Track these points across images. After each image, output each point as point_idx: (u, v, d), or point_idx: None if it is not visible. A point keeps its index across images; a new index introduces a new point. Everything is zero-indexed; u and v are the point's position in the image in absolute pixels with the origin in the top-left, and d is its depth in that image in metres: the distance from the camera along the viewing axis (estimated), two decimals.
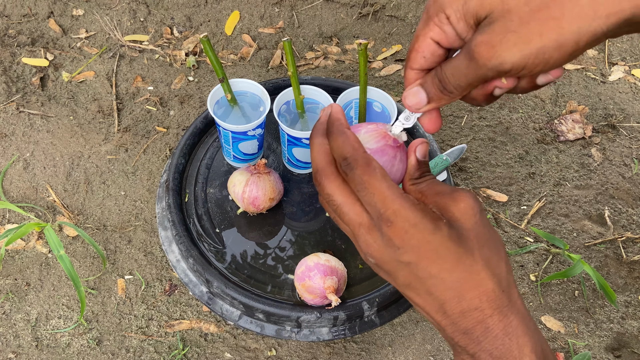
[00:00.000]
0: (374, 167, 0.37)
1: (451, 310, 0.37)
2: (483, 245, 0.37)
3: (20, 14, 1.36)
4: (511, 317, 0.36)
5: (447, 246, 0.36)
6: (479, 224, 0.37)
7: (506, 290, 0.37)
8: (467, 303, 0.36)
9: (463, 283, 0.36)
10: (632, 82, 1.35)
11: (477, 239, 0.37)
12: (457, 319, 0.37)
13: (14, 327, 0.96)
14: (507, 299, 0.37)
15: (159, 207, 0.86)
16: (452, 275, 0.36)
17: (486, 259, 0.37)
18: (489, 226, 0.38)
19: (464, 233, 0.36)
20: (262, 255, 0.80)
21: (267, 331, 0.76)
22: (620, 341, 0.98)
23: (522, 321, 0.36)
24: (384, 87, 1.31)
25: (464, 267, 0.36)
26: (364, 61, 0.72)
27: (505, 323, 0.36)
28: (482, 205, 0.40)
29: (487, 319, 0.36)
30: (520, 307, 0.37)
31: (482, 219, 0.37)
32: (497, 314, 0.36)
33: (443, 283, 0.37)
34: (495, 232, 0.38)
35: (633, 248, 1.08)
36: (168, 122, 1.22)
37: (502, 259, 0.37)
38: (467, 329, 0.37)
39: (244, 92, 0.81)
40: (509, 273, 0.38)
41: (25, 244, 1.04)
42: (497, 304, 0.36)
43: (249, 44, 1.37)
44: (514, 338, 0.36)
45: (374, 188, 0.37)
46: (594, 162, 1.20)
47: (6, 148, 1.15)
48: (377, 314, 0.77)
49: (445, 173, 0.85)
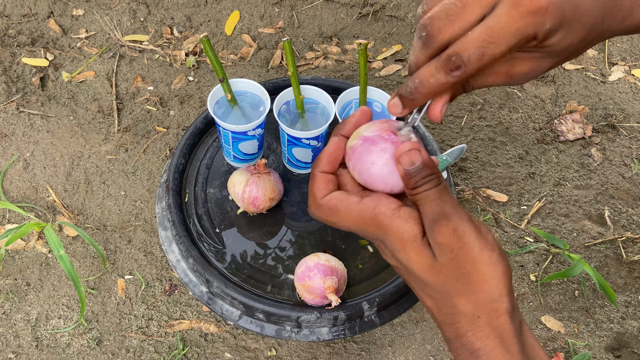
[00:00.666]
0: (335, 206, 0.40)
1: (435, 316, 0.41)
2: (458, 279, 0.38)
3: (20, 14, 1.36)
4: (487, 341, 0.38)
5: (413, 269, 0.38)
6: (456, 260, 0.37)
7: (484, 317, 0.38)
8: (444, 317, 0.39)
9: (436, 300, 0.39)
10: (632, 82, 1.35)
11: (451, 272, 0.37)
12: (441, 326, 0.40)
13: (14, 327, 0.96)
14: (485, 324, 0.38)
15: (159, 207, 0.86)
16: (425, 291, 0.39)
17: (460, 290, 0.38)
18: (471, 262, 0.37)
19: (436, 265, 0.38)
20: (262, 255, 0.80)
21: (267, 331, 0.76)
22: (620, 341, 0.98)
23: (501, 345, 0.37)
24: (384, 87, 1.31)
25: (435, 290, 0.39)
26: (364, 61, 0.72)
27: (480, 345, 0.38)
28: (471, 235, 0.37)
29: (461, 336, 0.38)
30: (504, 332, 0.38)
31: (462, 255, 0.37)
32: (470, 335, 0.38)
33: (421, 292, 0.40)
34: (480, 267, 0.37)
35: (633, 248, 1.08)
36: (168, 122, 1.22)
37: (484, 290, 0.37)
38: (448, 338, 0.40)
39: (244, 92, 0.81)
40: (494, 302, 0.37)
41: (25, 244, 1.04)
42: (470, 327, 0.38)
43: (249, 44, 1.37)
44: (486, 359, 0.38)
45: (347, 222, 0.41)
46: (594, 162, 1.20)
47: (6, 148, 1.15)
48: (377, 314, 0.77)
49: (445, 173, 0.85)
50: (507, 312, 0.38)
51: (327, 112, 0.80)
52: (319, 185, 0.42)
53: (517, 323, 0.38)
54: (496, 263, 0.37)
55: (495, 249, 0.38)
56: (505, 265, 0.38)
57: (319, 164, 0.43)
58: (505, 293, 0.38)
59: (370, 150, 0.41)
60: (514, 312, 0.38)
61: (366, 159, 0.41)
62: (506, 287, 0.38)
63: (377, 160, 0.40)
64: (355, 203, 0.39)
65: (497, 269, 0.37)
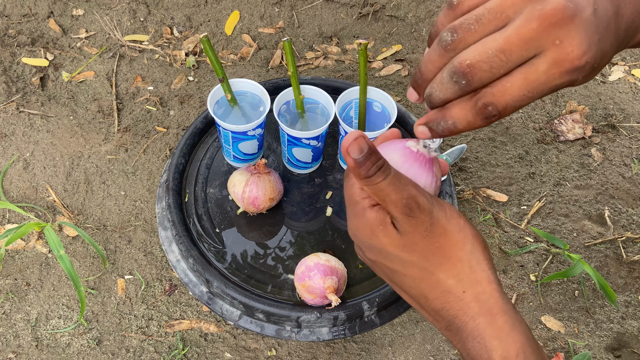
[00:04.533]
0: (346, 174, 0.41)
1: (426, 309, 0.39)
2: (434, 253, 0.38)
3: (20, 14, 1.36)
4: (479, 319, 0.36)
5: (388, 250, 0.39)
6: (429, 237, 0.37)
7: (469, 290, 0.37)
8: (433, 304, 0.38)
9: (419, 282, 0.38)
10: (632, 82, 1.35)
11: (426, 248, 0.38)
12: (435, 319, 0.39)
13: (14, 327, 0.96)
14: (472, 298, 0.37)
15: (159, 207, 0.86)
16: (407, 270, 0.39)
17: (438, 263, 0.38)
18: (443, 234, 0.37)
19: (410, 244, 0.38)
20: (262, 255, 0.80)
21: (267, 331, 0.76)
22: (620, 341, 0.98)
23: (492, 323, 0.36)
24: (384, 87, 1.31)
25: (415, 267, 0.38)
26: (364, 61, 0.72)
27: (473, 325, 0.37)
28: (437, 209, 0.37)
29: (454, 319, 0.37)
30: (493, 307, 0.37)
31: (434, 230, 0.37)
32: (461, 314, 0.37)
33: (403, 278, 0.39)
34: (451, 236, 0.38)
35: (633, 248, 1.08)
36: (168, 122, 1.22)
37: (462, 258, 0.37)
38: (445, 328, 0.39)
39: (244, 92, 0.81)
40: (474, 272, 0.37)
41: (25, 244, 1.04)
42: (460, 304, 0.37)
43: (249, 44, 1.37)
44: (481, 341, 0.36)
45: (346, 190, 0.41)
46: (594, 162, 1.20)
47: (6, 148, 1.15)
48: (377, 314, 0.77)
49: None
50: (490, 282, 0.37)
51: (327, 112, 0.80)
52: None
53: (506, 297, 0.37)
54: (464, 228, 0.38)
55: (461, 216, 0.38)
56: (474, 230, 0.38)
57: None
58: (483, 259, 0.37)
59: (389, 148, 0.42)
60: (496, 282, 0.37)
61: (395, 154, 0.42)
62: (482, 254, 0.38)
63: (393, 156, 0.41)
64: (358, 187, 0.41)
65: (466, 234, 0.38)
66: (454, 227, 0.38)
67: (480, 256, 0.38)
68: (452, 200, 0.85)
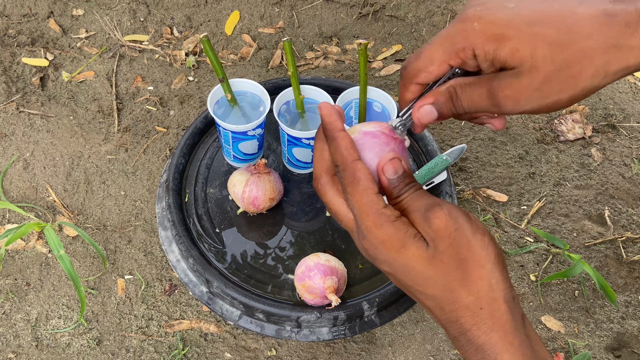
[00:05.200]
0: (359, 179, 0.38)
1: (438, 317, 0.40)
2: (458, 267, 0.37)
3: (20, 14, 1.36)
4: (491, 333, 0.37)
5: (413, 266, 0.38)
6: (454, 245, 0.37)
7: (486, 307, 0.38)
8: (447, 315, 0.39)
9: (440, 297, 0.39)
10: (632, 82, 1.35)
11: (451, 259, 0.37)
12: (445, 325, 0.40)
13: (14, 327, 0.96)
14: (488, 315, 0.38)
15: (159, 207, 0.86)
16: (427, 290, 0.39)
17: (461, 279, 0.38)
18: (467, 245, 0.37)
19: (436, 255, 0.37)
20: (262, 255, 0.80)
21: (267, 331, 0.76)
22: (620, 341, 0.98)
23: (504, 338, 0.37)
24: (384, 87, 1.31)
25: (437, 285, 0.38)
26: (363, 61, 0.72)
27: (484, 340, 0.37)
28: (463, 218, 0.38)
29: (466, 332, 0.38)
30: (506, 324, 0.38)
31: (459, 239, 0.37)
32: (475, 329, 0.38)
33: (422, 294, 0.39)
34: (475, 251, 0.38)
35: (633, 248, 1.08)
36: (168, 122, 1.22)
37: (483, 277, 0.38)
38: (454, 336, 0.39)
39: (244, 92, 0.81)
40: (492, 290, 0.38)
41: (25, 244, 1.04)
42: (475, 320, 0.38)
43: (249, 44, 1.37)
44: (492, 354, 0.37)
45: (356, 201, 0.39)
46: (594, 162, 1.20)
47: (6, 148, 1.15)
48: (377, 314, 0.77)
49: (445, 173, 0.85)
50: (506, 301, 0.38)
51: None
52: (345, 144, 0.40)
53: (519, 315, 0.38)
54: (488, 246, 0.38)
55: (486, 233, 0.38)
56: (496, 249, 0.38)
57: (334, 125, 0.41)
58: (502, 279, 0.38)
59: (373, 143, 0.41)
60: (513, 302, 0.38)
61: (369, 151, 0.41)
62: (501, 273, 0.38)
63: (380, 153, 0.41)
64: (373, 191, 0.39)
65: (490, 252, 0.38)
66: (478, 242, 0.38)
67: (499, 275, 0.38)
68: (452, 200, 0.85)
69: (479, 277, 0.37)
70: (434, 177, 0.84)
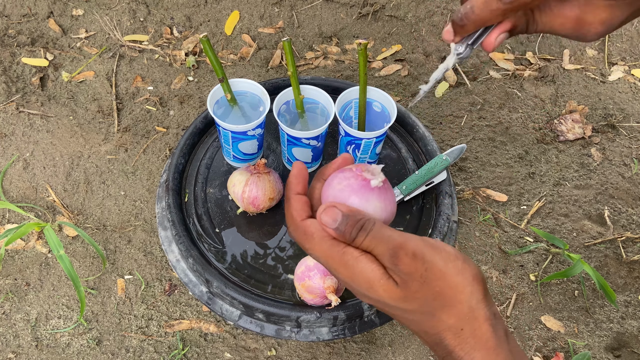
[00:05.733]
0: (311, 233, 0.40)
1: (424, 339, 0.41)
2: (435, 298, 0.38)
3: (20, 14, 1.36)
4: (474, 353, 0.38)
5: (387, 302, 0.39)
6: (427, 282, 0.37)
7: (467, 328, 0.38)
8: (432, 337, 0.40)
9: (422, 322, 0.39)
10: (631, 82, 1.35)
11: (426, 294, 0.38)
12: (432, 347, 0.40)
13: (14, 327, 0.96)
14: (470, 335, 0.38)
15: (158, 207, 0.86)
16: (408, 316, 0.40)
17: (440, 306, 0.38)
18: (441, 278, 0.37)
19: (409, 294, 0.38)
20: (262, 255, 0.80)
21: (267, 331, 0.76)
22: (620, 341, 0.98)
23: (487, 356, 0.38)
24: (383, 87, 1.31)
25: (416, 314, 0.39)
26: (363, 61, 0.72)
27: (468, 359, 0.38)
28: (431, 254, 0.38)
29: (451, 352, 0.39)
30: (489, 342, 0.38)
31: (431, 276, 0.37)
32: (458, 349, 0.38)
33: (404, 319, 0.40)
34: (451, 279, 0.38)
35: (633, 248, 1.08)
36: (168, 122, 1.22)
37: (462, 301, 0.38)
38: (442, 357, 0.40)
39: (244, 92, 0.81)
40: (473, 311, 0.38)
41: (25, 244, 1.04)
42: (457, 340, 0.38)
43: (249, 44, 1.37)
44: None
45: (317, 251, 0.40)
46: (594, 162, 1.20)
47: (6, 148, 1.15)
48: (377, 313, 0.77)
49: (445, 173, 0.85)
50: (487, 319, 0.38)
51: (327, 112, 0.80)
52: (296, 206, 0.42)
53: (502, 332, 0.39)
54: (464, 270, 0.38)
55: (459, 257, 0.38)
56: (473, 270, 0.38)
57: (291, 187, 0.43)
58: (482, 299, 0.38)
59: (336, 176, 0.43)
60: (495, 319, 0.38)
61: (332, 184, 0.43)
62: (481, 293, 0.38)
63: (338, 185, 0.42)
64: (329, 237, 0.40)
65: (466, 276, 0.38)
66: (451, 270, 0.38)
67: (479, 295, 0.38)
68: (452, 200, 0.85)
69: (458, 302, 0.38)
70: (434, 177, 0.84)
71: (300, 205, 0.42)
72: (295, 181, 0.43)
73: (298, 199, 0.43)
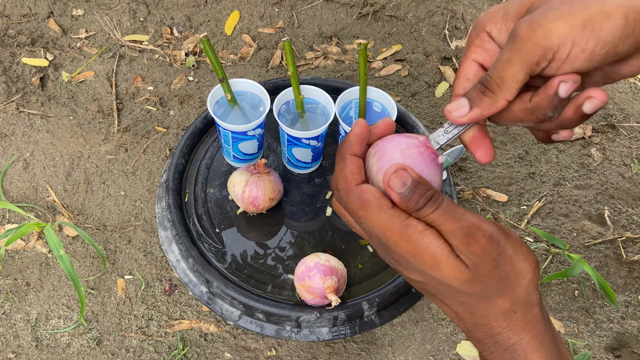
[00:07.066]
0: (368, 200, 0.37)
1: (465, 321, 0.40)
2: (499, 282, 0.37)
3: (20, 14, 1.36)
4: (522, 334, 0.38)
5: (449, 284, 0.37)
6: (497, 266, 0.36)
7: (520, 311, 0.38)
8: (476, 319, 0.39)
9: (473, 304, 0.38)
10: (632, 82, 1.35)
11: (493, 277, 0.37)
12: (470, 329, 0.40)
13: (14, 327, 0.96)
14: (521, 318, 0.38)
15: (158, 207, 0.86)
16: (460, 299, 0.38)
17: (500, 290, 0.37)
18: (510, 263, 0.37)
19: (477, 277, 0.36)
20: (262, 255, 0.80)
21: (267, 331, 0.76)
22: (620, 341, 0.98)
23: (535, 338, 0.38)
24: (383, 87, 1.31)
25: (473, 296, 0.38)
26: (363, 61, 0.72)
27: (516, 340, 0.38)
28: (504, 239, 0.36)
29: (496, 335, 0.38)
30: (537, 325, 0.38)
31: (502, 260, 0.36)
32: (507, 331, 0.38)
33: (453, 299, 0.39)
34: (517, 265, 0.37)
35: (633, 248, 1.08)
36: (168, 122, 1.22)
37: (522, 286, 0.37)
38: (480, 339, 0.39)
39: (244, 92, 0.81)
40: (529, 295, 0.38)
41: (25, 244, 1.04)
42: (507, 323, 0.38)
43: (249, 44, 1.37)
44: (522, 354, 0.38)
45: (373, 222, 0.37)
46: (594, 162, 1.20)
47: (6, 148, 1.15)
48: (377, 314, 0.77)
49: (445, 173, 0.85)
50: (538, 303, 0.38)
51: (327, 112, 0.80)
52: (352, 168, 0.38)
53: (547, 316, 0.39)
54: (528, 257, 0.38)
55: (524, 243, 0.38)
56: (534, 257, 0.38)
57: (349, 146, 0.39)
58: (537, 285, 0.38)
59: (399, 140, 0.39)
60: (542, 304, 0.39)
61: (398, 146, 0.39)
62: (538, 279, 0.38)
63: (408, 150, 0.38)
64: (388, 206, 0.36)
65: (530, 262, 0.38)
66: (519, 256, 0.37)
67: (536, 281, 0.38)
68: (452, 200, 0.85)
69: (517, 287, 0.38)
70: None
71: (356, 168, 0.38)
72: (356, 141, 0.39)
73: (355, 160, 0.38)
